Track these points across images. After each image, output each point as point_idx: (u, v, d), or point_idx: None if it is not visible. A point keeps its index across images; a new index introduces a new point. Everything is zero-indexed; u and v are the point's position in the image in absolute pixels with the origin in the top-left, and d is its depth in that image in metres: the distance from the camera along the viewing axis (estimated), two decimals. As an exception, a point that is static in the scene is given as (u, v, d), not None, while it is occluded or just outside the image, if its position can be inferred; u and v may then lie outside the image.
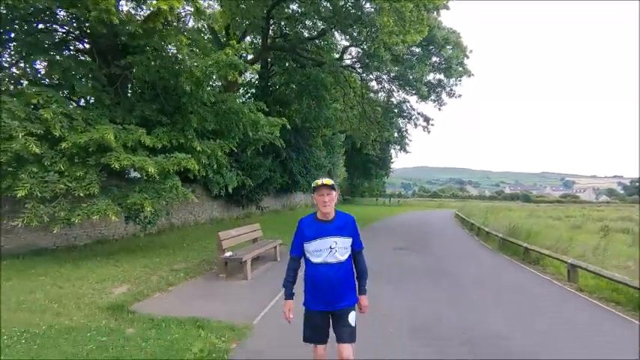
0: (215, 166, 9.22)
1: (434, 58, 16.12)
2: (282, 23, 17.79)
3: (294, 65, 19.09)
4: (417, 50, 15.88)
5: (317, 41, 18.60)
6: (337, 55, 19.47)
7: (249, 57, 19.85)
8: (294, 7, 16.07)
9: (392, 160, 48.16)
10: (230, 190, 11.78)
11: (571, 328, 4.58)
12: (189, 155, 7.50)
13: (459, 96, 17.61)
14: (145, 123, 7.92)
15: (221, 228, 12.85)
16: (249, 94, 20.44)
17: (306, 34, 17.81)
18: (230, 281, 6.40)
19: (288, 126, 10.07)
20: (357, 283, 2.63)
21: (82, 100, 8.19)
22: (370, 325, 3.93)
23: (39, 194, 5.81)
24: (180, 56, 6.55)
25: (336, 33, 18.09)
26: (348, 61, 20.19)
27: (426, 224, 19.49)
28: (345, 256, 2.53)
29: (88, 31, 7.33)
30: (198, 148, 8.16)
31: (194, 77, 7.13)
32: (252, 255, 6.87)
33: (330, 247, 2.47)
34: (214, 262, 7.30)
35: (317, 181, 2.52)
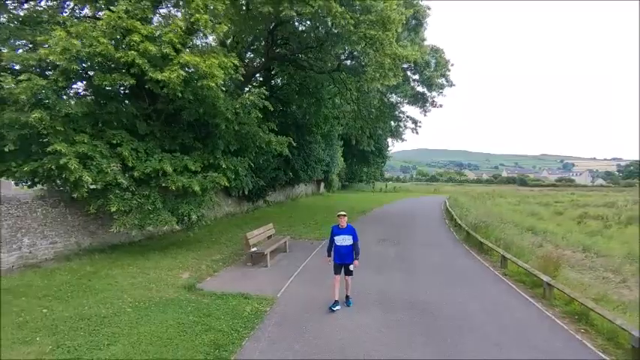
0: (234, 177, 11.63)
1: (417, 75, 18.21)
2: (285, 36, 19.70)
3: (294, 70, 21.16)
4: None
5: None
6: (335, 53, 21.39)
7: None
8: (295, 24, 17.98)
9: (389, 148, 50.56)
10: (246, 192, 14.29)
11: (480, 296, 7.18)
12: (220, 174, 9.98)
13: (440, 106, 19.89)
14: (184, 148, 10.35)
15: (237, 222, 15.51)
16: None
17: (306, 35, 19.65)
18: (255, 268, 9.00)
19: (294, 143, 12.44)
20: (354, 254, 6.36)
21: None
22: (355, 295, 6.52)
23: (122, 209, 8.34)
24: (217, 104, 8.83)
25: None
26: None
27: (412, 215, 22.04)
28: (349, 243, 6.30)
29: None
30: (224, 166, 10.60)
31: (226, 117, 9.51)
32: (270, 249, 9.45)
33: (343, 239, 6.29)
34: (242, 253, 9.91)
35: (339, 212, 6.51)
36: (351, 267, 6.38)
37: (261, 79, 22.53)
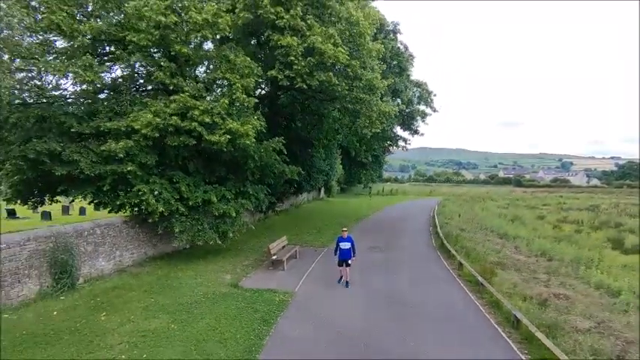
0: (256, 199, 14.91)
1: (405, 106, 21.51)
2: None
3: (298, 94, 24.36)
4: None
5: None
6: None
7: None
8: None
9: (385, 155, 53.72)
10: (263, 209, 17.59)
11: (435, 291, 10.42)
12: (247, 200, 13.25)
13: (422, 134, 23.28)
14: (220, 179, 13.61)
15: (253, 232, 18.70)
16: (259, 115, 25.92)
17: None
18: (275, 271, 12.24)
19: (302, 172, 15.71)
20: (352, 254, 10.48)
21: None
22: (349, 290, 9.76)
23: (181, 229, 11.60)
24: (247, 150, 12.13)
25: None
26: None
27: (401, 222, 25.29)
28: (349, 247, 10.59)
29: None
30: (251, 192, 13.87)
31: (253, 157, 12.78)
32: (286, 256, 12.71)
33: (345, 244, 10.57)
34: (264, 260, 13.18)
35: (343, 228, 10.98)
36: (350, 262, 10.48)
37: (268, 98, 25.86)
